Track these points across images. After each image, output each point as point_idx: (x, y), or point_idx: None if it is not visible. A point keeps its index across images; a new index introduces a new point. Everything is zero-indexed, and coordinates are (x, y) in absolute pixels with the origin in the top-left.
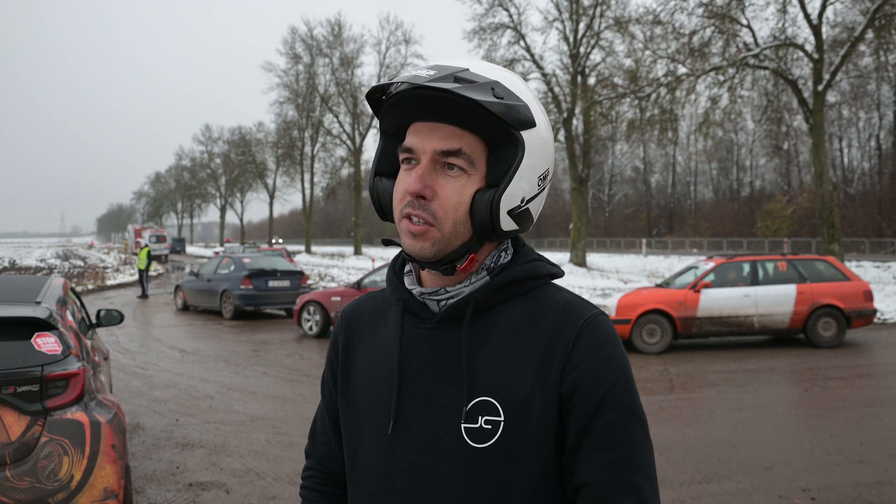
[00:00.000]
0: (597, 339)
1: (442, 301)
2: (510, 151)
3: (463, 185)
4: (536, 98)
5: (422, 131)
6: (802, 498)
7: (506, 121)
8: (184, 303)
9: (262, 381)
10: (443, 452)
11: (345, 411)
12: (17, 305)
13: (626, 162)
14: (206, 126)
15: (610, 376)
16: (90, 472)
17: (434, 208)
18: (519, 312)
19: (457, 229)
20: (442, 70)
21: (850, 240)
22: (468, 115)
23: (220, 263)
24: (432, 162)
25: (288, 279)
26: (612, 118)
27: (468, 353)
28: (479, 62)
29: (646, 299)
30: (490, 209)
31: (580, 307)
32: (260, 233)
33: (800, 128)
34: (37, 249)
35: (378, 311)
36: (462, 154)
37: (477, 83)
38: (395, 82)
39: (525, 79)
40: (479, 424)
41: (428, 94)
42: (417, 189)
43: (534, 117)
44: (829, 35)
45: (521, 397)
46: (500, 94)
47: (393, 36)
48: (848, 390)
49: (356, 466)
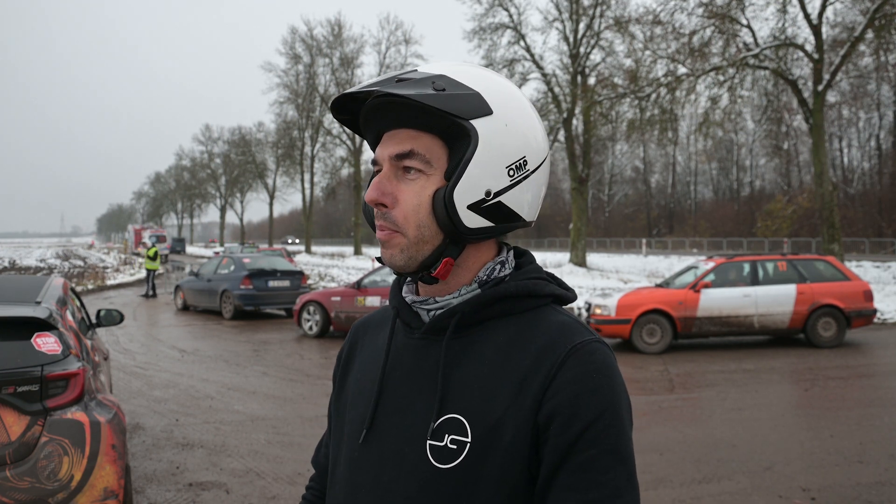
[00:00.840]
0: (584, 367)
1: (431, 311)
2: (465, 143)
3: (422, 186)
4: (508, 86)
5: (385, 139)
6: (802, 498)
7: (448, 112)
8: (184, 303)
9: (262, 381)
10: (405, 469)
11: (335, 420)
12: (17, 305)
13: (626, 162)
14: (206, 126)
15: (593, 410)
16: (90, 472)
17: (395, 215)
18: (510, 332)
19: (422, 233)
20: (387, 74)
21: (850, 240)
22: (416, 115)
23: (220, 263)
24: (392, 168)
25: (288, 279)
26: (612, 118)
27: (446, 366)
28: (435, 62)
29: (646, 299)
30: (444, 205)
31: (573, 331)
32: (260, 233)
33: (800, 128)
34: (37, 249)
35: (383, 322)
36: (415, 155)
37: (414, 80)
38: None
39: (525, 79)
40: (445, 443)
41: (379, 102)
42: (373, 197)
43: (488, 104)
44: (829, 35)
45: (492, 419)
46: (442, 87)
47: (393, 36)
48: (848, 390)
49: (333, 478)
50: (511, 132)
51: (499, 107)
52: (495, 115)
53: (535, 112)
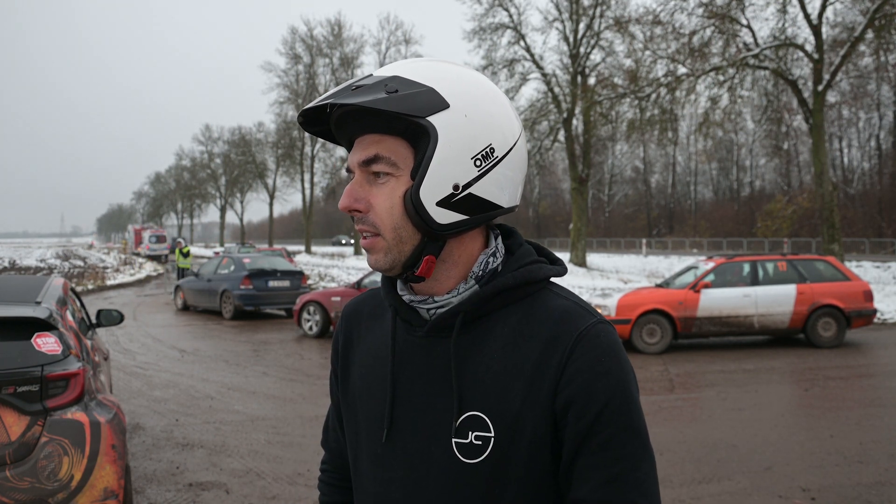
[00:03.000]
0: (592, 352)
1: (431, 310)
2: (426, 141)
3: (392, 188)
4: (468, 75)
5: (355, 146)
6: (802, 498)
7: (402, 113)
8: (184, 303)
9: (262, 381)
10: (434, 466)
11: (346, 413)
12: (17, 305)
13: (626, 162)
14: (206, 126)
15: (605, 392)
16: (90, 472)
17: (371, 218)
18: (513, 322)
19: (399, 234)
20: (343, 84)
21: (850, 240)
22: (374, 120)
23: (220, 263)
24: (363, 174)
25: (288, 279)
26: (612, 118)
27: (458, 366)
28: (392, 64)
29: (646, 299)
30: (413, 205)
31: (577, 316)
32: (260, 233)
33: (800, 128)
34: (37, 249)
35: (376, 312)
36: (380, 158)
37: (368, 86)
38: (305, 109)
39: (525, 79)
40: (470, 440)
41: (340, 112)
42: (346, 204)
43: (444, 98)
44: (829, 35)
45: (512, 413)
46: (394, 88)
47: (393, 36)
48: (848, 390)
49: (358, 470)
50: (472, 122)
51: (456, 99)
52: (452, 108)
53: (500, 96)
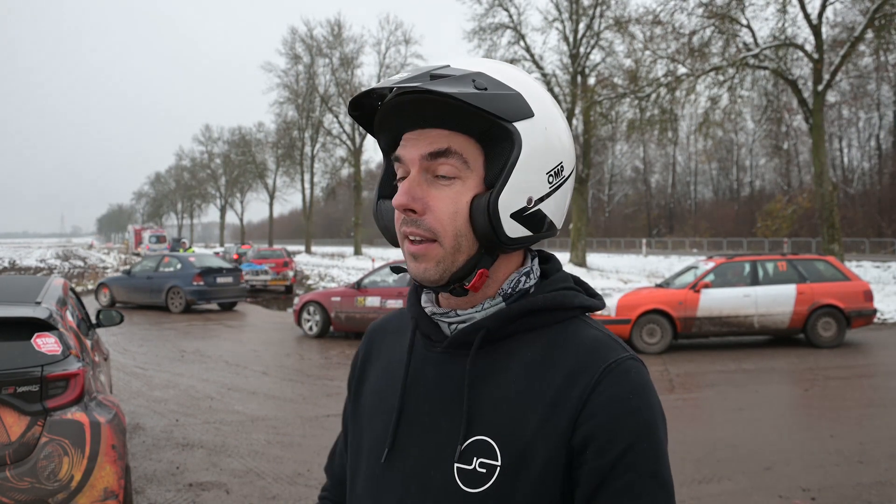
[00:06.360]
0: (621, 387)
1: (452, 324)
2: (506, 147)
3: (458, 192)
4: (541, 87)
5: (410, 140)
6: (802, 498)
7: (491, 112)
8: (111, 299)
9: (262, 382)
10: (432, 492)
11: (353, 430)
12: (17, 305)
13: (626, 162)
14: (206, 126)
15: (631, 432)
16: (90, 473)
17: (429, 222)
18: (538, 347)
19: (459, 242)
20: (417, 70)
21: (850, 240)
22: (452, 115)
23: (161, 262)
24: (421, 171)
25: (231, 276)
26: (612, 118)
27: (471, 385)
28: (466, 57)
29: (646, 299)
30: (488, 213)
31: (608, 348)
32: (260, 233)
33: (800, 128)
34: (37, 250)
35: (400, 328)
36: (452, 153)
37: (453, 77)
38: (364, 91)
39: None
40: (474, 467)
41: (407, 100)
42: (403, 202)
43: (530, 107)
44: (828, 35)
45: (523, 442)
46: (483, 85)
47: (393, 36)
48: (848, 390)
49: (353, 492)
50: (550, 136)
51: (538, 109)
52: (536, 118)
53: (565, 119)
